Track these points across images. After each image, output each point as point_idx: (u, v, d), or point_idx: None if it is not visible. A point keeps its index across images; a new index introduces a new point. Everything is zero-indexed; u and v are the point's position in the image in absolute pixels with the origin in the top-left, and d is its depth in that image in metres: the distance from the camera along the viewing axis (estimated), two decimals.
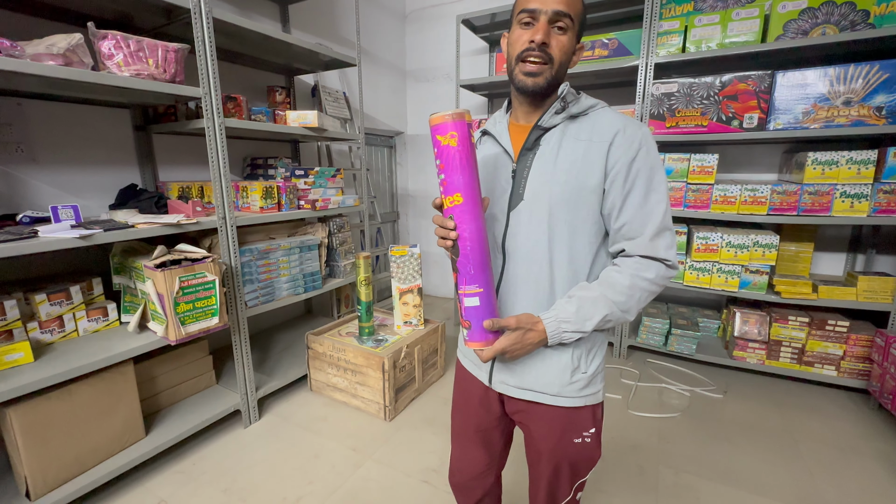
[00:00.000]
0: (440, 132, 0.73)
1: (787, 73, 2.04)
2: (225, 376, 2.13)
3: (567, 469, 0.91)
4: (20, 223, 1.46)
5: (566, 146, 0.81)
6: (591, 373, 0.86)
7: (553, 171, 0.81)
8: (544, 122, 0.83)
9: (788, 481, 1.64)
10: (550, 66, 0.79)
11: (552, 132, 0.83)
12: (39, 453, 1.37)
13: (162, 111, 1.92)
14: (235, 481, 1.63)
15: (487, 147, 0.93)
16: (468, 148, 0.73)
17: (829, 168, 2.04)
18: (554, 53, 0.78)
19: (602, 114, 0.83)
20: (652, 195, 0.79)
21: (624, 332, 2.62)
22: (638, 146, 0.78)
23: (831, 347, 2.19)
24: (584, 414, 0.88)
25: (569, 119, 0.83)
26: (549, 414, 0.88)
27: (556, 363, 0.85)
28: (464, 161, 0.73)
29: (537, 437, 0.91)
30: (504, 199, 0.86)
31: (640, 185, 0.78)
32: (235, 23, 1.74)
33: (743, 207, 2.22)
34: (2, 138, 1.57)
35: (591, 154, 0.79)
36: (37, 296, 1.47)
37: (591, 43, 2.44)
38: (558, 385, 0.85)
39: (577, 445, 0.89)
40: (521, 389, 0.89)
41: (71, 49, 1.31)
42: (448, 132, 0.72)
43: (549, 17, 0.76)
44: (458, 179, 0.74)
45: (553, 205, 0.80)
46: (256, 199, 2.02)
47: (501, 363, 0.90)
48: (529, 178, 0.83)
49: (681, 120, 2.28)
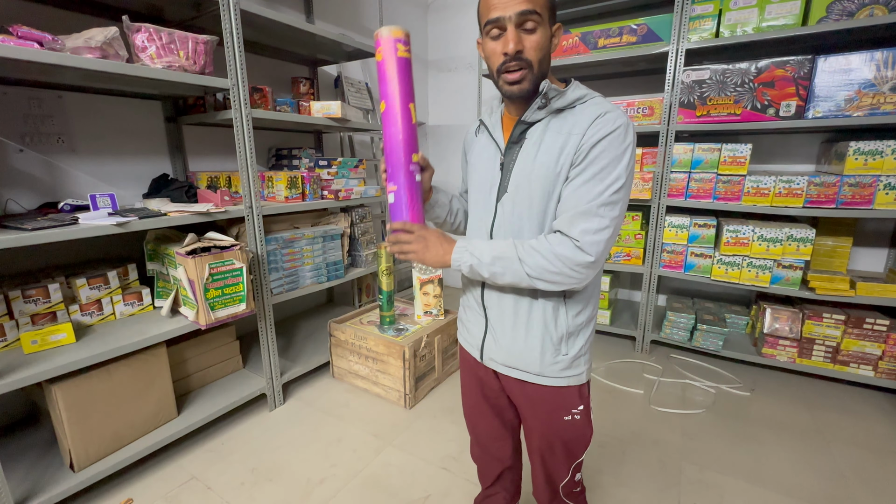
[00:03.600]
0: (377, 48, 0.84)
1: (829, 58, 1.94)
2: (251, 361, 2.20)
3: (561, 448, 0.95)
4: (62, 211, 1.53)
5: (548, 140, 0.82)
6: (572, 354, 0.89)
7: (532, 166, 0.83)
8: (527, 117, 0.85)
9: (818, 483, 1.59)
10: (531, 69, 0.79)
11: (536, 126, 0.84)
12: (82, 428, 1.45)
13: (191, 102, 1.98)
14: (262, 461, 1.70)
15: (483, 137, 0.96)
16: (391, 61, 0.82)
17: (873, 158, 1.93)
18: (530, 56, 0.78)
19: (588, 105, 0.81)
20: (595, 182, 0.77)
21: (647, 327, 2.57)
22: (608, 131, 0.76)
23: (869, 347, 2.10)
24: (570, 392, 0.91)
25: (553, 113, 0.83)
26: (536, 392, 0.92)
27: (537, 344, 0.88)
28: (386, 73, 0.83)
29: (528, 415, 0.97)
30: (493, 191, 0.90)
31: (591, 168, 0.77)
32: (263, 14, 1.76)
33: (777, 199, 2.13)
34: (45, 130, 1.65)
35: (568, 146, 0.79)
36: (77, 280, 1.55)
37: (619, 29, 2.36)
38: (539, 364, 0.89)
39: (567, 423, 0.92)
40: (506, 367, 0.94)
41: (107, 42, 1.35)
42: (378, 48, 0.83)
43: (515, 22, 0.76)
44: (383, 88, 0.84)
45: (531, 198, 0.83)
46: (281, 189, 2.06)
47: (490, 341, 0.95)
48: (514, 171, 0.86)
49: (712, 108, 2.20)
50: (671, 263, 2.47)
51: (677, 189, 2.36)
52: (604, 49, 2.42)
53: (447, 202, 1.06)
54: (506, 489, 1.17)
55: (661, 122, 2.33)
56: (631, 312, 2.91)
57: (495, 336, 0.94)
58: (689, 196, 2.34)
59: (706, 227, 2.34)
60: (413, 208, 0.87)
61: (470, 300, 1.00)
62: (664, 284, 2.96)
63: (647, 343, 2.60)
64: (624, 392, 2.19)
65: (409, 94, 0.84)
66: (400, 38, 0.82)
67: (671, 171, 2.35)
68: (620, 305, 3.05)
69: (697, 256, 2.39)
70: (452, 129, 3.72)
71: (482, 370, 1.01)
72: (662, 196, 2.39)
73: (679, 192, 2.36)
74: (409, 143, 0.85)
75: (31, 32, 1.22)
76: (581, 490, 1.05)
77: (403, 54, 0.83)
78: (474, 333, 0.99)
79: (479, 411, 1.08)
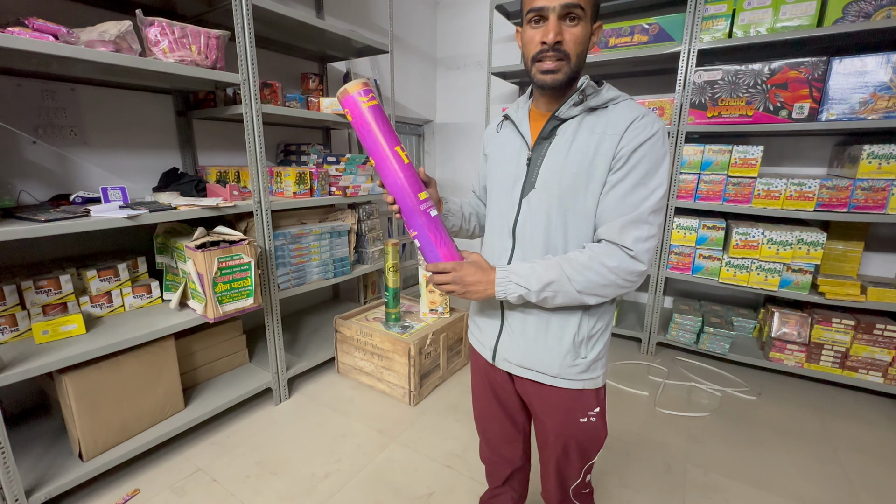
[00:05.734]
0: (344, 109, 0.84)
1: (844, 60, 1.91)
2: (257, 355, 2.22)
3: (575, 449, 0.94)
4: (73, 203, 1.54)
5: (581, 138, 0.81)
6: (591, 358, 0.88)
7: (564, 163, 0.81)
8: (562, 112, 0.84)
9: (825, 489, 1.58)
10: (567, 62, 0.78)
11: (569, 123, 0.83)
12: (91, 418, 1.46)
13: (202, 97, 1.98)
14: (267, 455, 1.71)
15: (507, 132, 0.94)
16: (360, 116, 0.82)
17: (887, 162, 1.90)
18: (569, 49, 0.78)
19: (621, 106, 0.81)
20: (640, 189, 0.77)
21: (653, 329, 2.56)
22: (645, 137, 0.76)
23: (878, 353, 2.07)
24: (587, 395, 0.90)
25: (587, 111, 0.83)
26: (553, 395, 0.91)
27: (556, 347, 0.87)
28: (360, 130, 0.83)
29: (543, 417, 0.95)
30: (518, 186, 0.88)
31: (634, 174, 0.77)
32: (274, 9, 1.76)
33: (788, 202, 2.11)
34: (58, 122, 1.66)
35: (602, 146, 0.79)
36: (88, 272, 1.56)
37: (631, 28, 2.35)
38: (558, 367, 0.88)
39: (583, 425, 0.91)
40: (522, 368, 0.92)
41: (121, 36, 1.36)
42: (344, 109, 0.83)
43: (558, 14, 0.75)
44: (365, 145, 0.84)
45: (562, 195, 0.82)
46: (290, 185, 2.07)
47: (506, 341, 0.94)
48: (542, 168, 0.84)
49: (724, 109, 2.18)
50: (679, 265, 2.45)
51: (686, 190, 2.34)
52: (615, 48, 2.41)
53: (459, 210, 1.04)
54: (514, 489, 1.17)
55: (671, 123, 2.31)
56: (637, 314, 2.90)
57: (512, 336, 0.92)
58: (698, 198, 2.32)
59: (715, 229, 2.33)
60: (440, 246, 0.85)
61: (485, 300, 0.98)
62: (671, 286, 2.94)
63: (653, 345, 2.59)
64: (629, 394, 2.18)
65: (392, 139, 0.83)
66: (358, 91, 0.81)
67: (681, 173, 2.34)
68: (626, 307, 3.04)
69: (706, 258, 2.37)
70: (460, 126, 3.71)
71: (494, 373, 1.00)
72: (671, 197, 2.37)
73: (688, 194, 2.34)
74: (411, 185, 0.84)
75: (46, 25, 1.23)
76: (590, 491, 1.04)
77: (368, 104, 0.82)
78: (488, 333, 0.98)
79: (491, 414, 1.07)
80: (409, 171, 0.84)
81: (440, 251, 0.85)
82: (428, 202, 0.85)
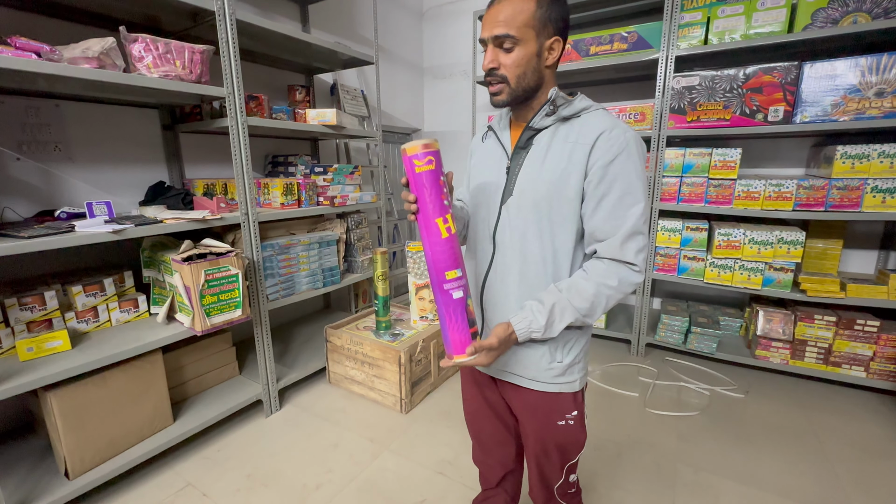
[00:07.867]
0: (411, 159, 0.79)
1: (815, 64, 1.98)
2: (247, 367, 2.20)
3: (555, 451, 0.97)
4: (58, 218, 1.54)
5: (555, 147, 0.85)
6: (567, 363, 0.91)
7: (539, 171, 0.85)
8: (535, 123, 0.88)
9: (813, 484, 1.60)
10: (507, 84, 0.84)
11: (544, 133, 0.87)
12: (77, 435, 1.45)
13: (188, 111, 2.00)
14: (258, 467, 1.69)
15: (490, 142, 0.99)
16: (414, 180, 0.79)
17: (860, 162, 1.96)
18: (506, 72, 0.83)
19: (592, 116, 0.85)
20: (627, 198, 0.81)
21: (642, 330, 2.59)
22: (618, 150, 0.80)
23: (860, 348, 2.12)
24: (564, 399, 0.93)
25: (561, 121, 0.86)
26: (531, 397, 0.94)
27: (532, 350, 0.90)
28: (412, 185, 0.80)
29: (523, 420, 0.99)
30: (498, 193, 0.92)
31: (616, 188, 0.80)
32: (258, 24, 1.78)
33: (767, 203, 2.16)
34: (42, 138, 1.66)
35: (575, 155, 0.82)
36: (73, 287, 1.56)
37: (610, 37, 2.41)
38: (534, 370, 0.91)
39: (561, 428, 0.94)
40: (502, 371, 0.96)
41: (104, 52, 1.37)
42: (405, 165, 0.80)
43: (493, 43, 0.83)
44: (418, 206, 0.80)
45: (537, 202, 0.85)
46: (277, 196, 2.08)
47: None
48: (519, 176, 0.88)
49: (702, 114, 2.23)
50: (664, 267, 2.49)
51: (669, 193, 2.39)
52: (595, 56, 2.46)
53: (463, 216, 1.04)
54: (506, 491, 1.18)
55: (652, 128, 2.36)
56: (626, 316, 2.93)
57: None
58: (681, 200, 2.37)
59: (698, 230, 2.37)
60: (453, 331, 0.80)
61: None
62: (659, 288, 2.98)
63: (643, 346, 2.61)
64: (619, 395, 2.20)
65: (438, 209, 0.78)
66: (416, 153, 0.78)
67: (663, 176, 2.38)
68: (616, 309, 3.07)
69: (690, 260, 2.42)
70: (447, 134, 3.75)
71: (481, 376, 1.03)
72: (655, 200, 2.42)
73: (671, 196, 2.39)
74: (439, 262, 0.79)
75: (28, 43, 1.24)
76: (576, 491, 1.06)
77: (422, 169, 0.78)
78: None
79: (482, 416, 1.09)
80: (445, 245, 0.79)
81: (451, 335, 0.80)
82: (456, 281, 0.79)
